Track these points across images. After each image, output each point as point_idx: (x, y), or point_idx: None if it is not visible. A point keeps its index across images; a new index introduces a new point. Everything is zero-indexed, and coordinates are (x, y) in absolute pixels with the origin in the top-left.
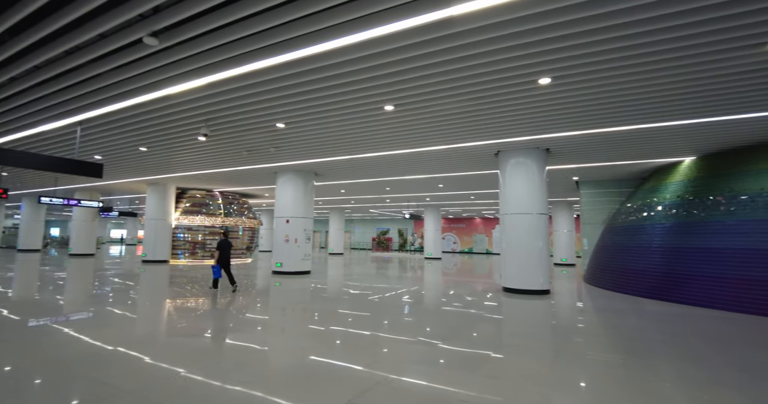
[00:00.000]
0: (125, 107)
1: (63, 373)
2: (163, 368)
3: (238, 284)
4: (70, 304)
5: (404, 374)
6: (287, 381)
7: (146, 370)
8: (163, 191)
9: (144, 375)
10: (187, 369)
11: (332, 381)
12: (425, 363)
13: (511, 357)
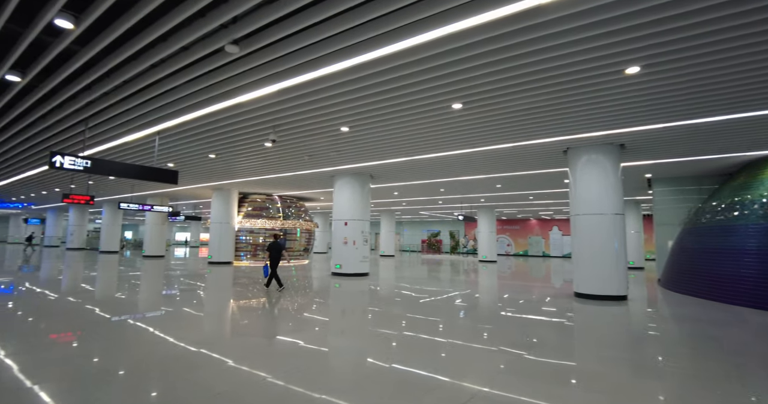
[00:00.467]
0: (199, 116)
1: (161, 374)
2: (252, 373)
3: (285, 285)
4: (153, 303)
5: (499, 387)
6: (379, 390)
7: (233, 374)
8: (227, 196)
9: (232, 378)
10: (272, 374)
11: (424, 392)
12: (517, 375)
13: (612, 371)
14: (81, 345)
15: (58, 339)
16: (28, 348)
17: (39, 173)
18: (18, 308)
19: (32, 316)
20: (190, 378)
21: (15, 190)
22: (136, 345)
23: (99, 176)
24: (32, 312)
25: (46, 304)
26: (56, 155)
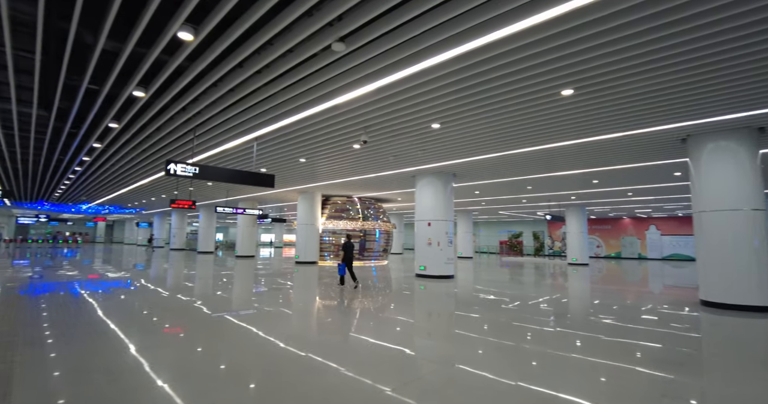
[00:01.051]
0: (295, 121)
1: (277, 379)
2: (369, 385)
3: (360, 283)
4: (253, 300)
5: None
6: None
7: (350, 385)
8: (311, 199)
9: (349, 391)
10: (391, 386)
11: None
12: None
13: None
14: (192, 341)
15: (169, 332)
16: (145, 340)
17: (150, 182)
18: (136, 302)
19: (148, 310)
20: (287, 376)
21: (130, 197)
22: (249, 349)
23: (199, 183)
24: (148, 306)
25: (161, 300)
26: (170, 163)
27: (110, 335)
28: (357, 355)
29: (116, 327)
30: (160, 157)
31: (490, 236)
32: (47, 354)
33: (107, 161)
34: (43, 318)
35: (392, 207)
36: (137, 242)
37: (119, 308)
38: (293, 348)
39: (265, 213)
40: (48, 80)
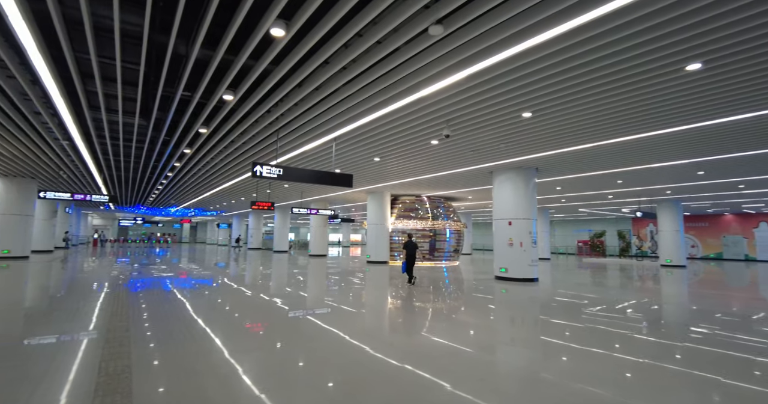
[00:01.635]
0: (374, 119)
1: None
2: (448, 391)
3: (417, 279)
4: (333, 299)
5: None
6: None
7: (426, 386)
8: (381, 199)
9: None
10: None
11: None
12: None
13: None
14: (274, 338)
15: (252, 329)
16: (232, 338)
17: (232, 185)
18: (228, 301)
19: (231, 307)
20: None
21: (212, 200)
22: (338, 356)
23: (276, 185)
24: (240, 307)
25: (251, 301)
26: (257, 165)
27: (205, 335)
28: (439, 360)
29: (210, 326)
30: (244, 160)
31: (566, 235)
32: (156, 353)
33: (195, 165)
34: (150, 314)
35: (461, 206)
36: (218, 242)
37: (213, 305)
38: (398, 363)
39: (335, 214)
40: (147, 91)
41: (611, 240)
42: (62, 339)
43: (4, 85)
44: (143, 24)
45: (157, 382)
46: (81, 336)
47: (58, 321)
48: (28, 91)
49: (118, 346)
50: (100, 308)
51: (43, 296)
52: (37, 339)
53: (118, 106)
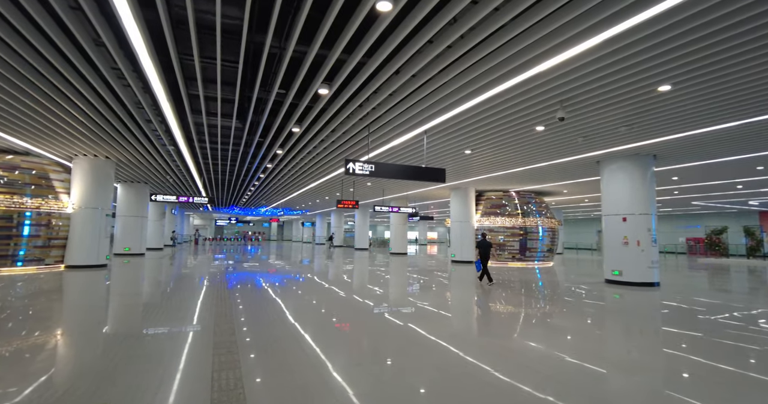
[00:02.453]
0: (472, 106)
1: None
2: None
3: (495, 281)
4: (438, 306)
5: None
6: None
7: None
8: (464, 195)
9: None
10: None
11: None
12: None
13: None
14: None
15: (341, 328)
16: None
17: (318, 185)
18: (320, 299)
19: (334, 311)
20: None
21: (299, 200)
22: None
23: (360, 182)
24: (334, 306)
25: (344, 300)
26: (349, 162)
27: (313, 342)
28: (552, 375)
29: (317, 331)
30: (334, 158)
31: (671, 232)
32: (265, 362)
33: (285, 166)
34: (254, 315)
35: (551, 201)
36: (302, 239)
37: (315, 306)
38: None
39: (415, 212)
40: (244, 93)
41: (733, 237)
42: (172, 346)
43: (121, 94)
44: (243, 17)
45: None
46: (190, 339)
47: (168, 319)
48: (140, 99)
49: (226, 353)
50: (206, 305)
51: (155, 292)
52: (148, 346)
53: (217, 108)
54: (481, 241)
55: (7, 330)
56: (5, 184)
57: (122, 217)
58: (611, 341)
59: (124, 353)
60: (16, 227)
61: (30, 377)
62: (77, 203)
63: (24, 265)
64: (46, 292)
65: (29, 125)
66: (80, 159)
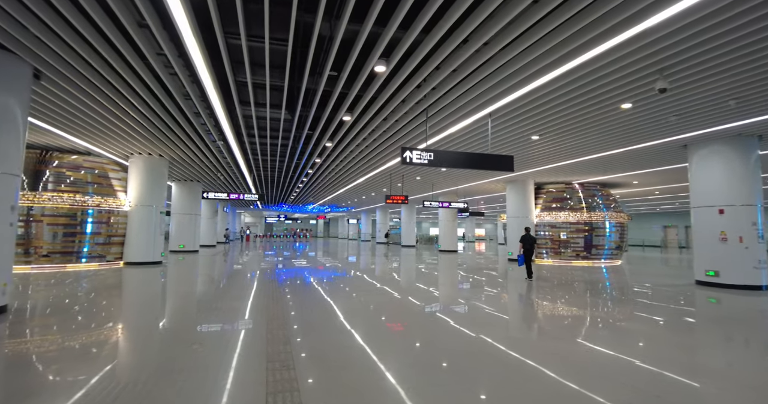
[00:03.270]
0: (544, 84)
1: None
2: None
3: (535, 276)
4: (509, 313)
5: None
6: None
7: None
8: (522, 188)
9: None
10: None
11: None
12: None
13: None
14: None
15: (392, 328)
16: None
17: (365, 180)
18: (379, 302)
19: (397, 316)
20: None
21: (345, 197)
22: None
23: (409, 176)
24: (395, 311)
25: (404, 303)
26: (406, 151)
27: (375, 356)
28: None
29: (378, 340)
30: (385, 149)
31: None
32: (326, 383)
33: (335, 160)
34: (308, 319)
35: (616, 194)
36: (348, 236)
37: (375, 310)
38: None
39: (466, 207)
40: (293, 79)
41: None
42: (222, 357)
43: (169, 84)
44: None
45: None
46: (240, 348)
47: (219, 319)
48: (188, 90)
49: (282, 368)
50: (258, 307)
51: (207, 292)
52: (198, 358)
53: (265, 98)
54: (525, 236)
55: (76, 323)
56: (70, 183)
57: (177, 215)
58: (726, 357)
59: (163, 368)
60: (79, 224)
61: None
62: (133, 201)
63: (87, 261)
64: (109, 288)
65: (90, 126)
66: (136, 158)
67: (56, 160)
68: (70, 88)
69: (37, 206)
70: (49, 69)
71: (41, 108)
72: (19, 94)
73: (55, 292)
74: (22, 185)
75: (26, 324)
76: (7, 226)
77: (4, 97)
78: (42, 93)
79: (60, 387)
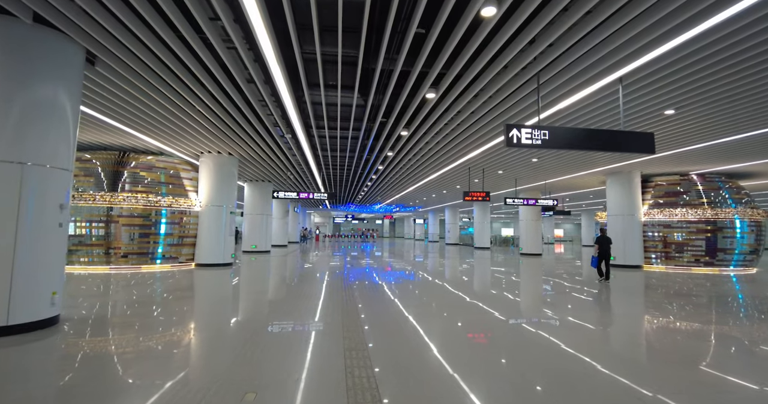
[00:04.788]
0: (699, 35)
1: None
2: None
3: (612, 277)
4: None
5: None
6: None
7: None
8: (627, 181)
9: None
10: None
11: None
12: None
13: None
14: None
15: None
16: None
17: (438, 176)
18: (455, 314)
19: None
20: None
21: (414, 195)
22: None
23: (490, 170)
24: (474, 325)
25: (486, 319)
26: (512, 129)
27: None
28: None
29: (474, 366)
30: (475, 133)
31: None
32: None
33: (408, 153)
34: (387, 327)
35: (746, 186)
36: (414, 236)
37: (464, 327)
38: None
39: (551, 205)
40: (369, 51)
41: None
42: (297, 373)
43: (230, 66)
44: None
45: None
46: (317, 356)
47: (292, 320)
48: (250, 71)
49: (364, 392)
50: (334, 310)
51: (278, 298)
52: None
53: (336, 77)
54: (601, 237)
55: (154, 324)
56: (144, 183)
57: (249, 215)
58: None
59: (230, 383)
60: (153, 225)
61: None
62: (204, 201)
63: (161, 263)
64: (183, 289)
65: (162, 125)
66: (206, 157)
67: (132, 161)
68: (128, 75)
69: (116, 207)
70: (103, 52)
71: (112, 106)
72: (70, 81)
73: (137, 294)
74: (101, 186)
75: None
76: (56, 227)
77: (53, 83)
78: (106, 86)
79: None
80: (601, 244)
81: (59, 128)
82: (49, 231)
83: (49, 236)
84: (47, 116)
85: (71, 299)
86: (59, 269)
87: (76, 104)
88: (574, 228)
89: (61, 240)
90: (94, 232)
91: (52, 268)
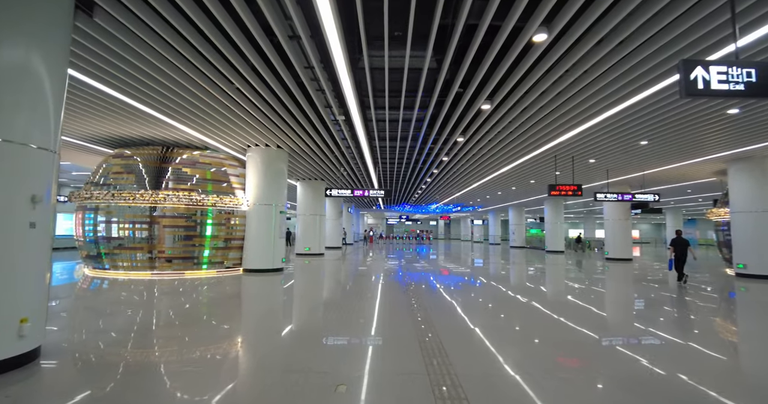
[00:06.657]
0: None
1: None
2: None
3: (687, 276)
4: None
5: None
6: None
7: None
8: (760, 169)
9: None
10: None
11: None
12: None
13: None
14: None
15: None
16: None
17: (513, 167)
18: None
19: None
20: None
21: (476, 193)
22: None
23: (580, 160)
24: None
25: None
26: (696, 67)
27: None
28: None
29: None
30: (570, 109)
31: None
32: None
33: (484, 137)
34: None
35: None
36: (471, 238)
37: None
38: None
39: (645, 201)
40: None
41: None
42: None
43: (286, 47)
44: None
45: None
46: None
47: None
48: (294, 20)
49: None
50: (404, 328)
51: (334, 297)
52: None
53: (407, 38)
54: (677, 239)
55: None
56: (187, 180)
57: (302, 216)
58: None
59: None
60: (198, 226)
61: None
62: (252, 199)
63: (207, 268)
64: (230, 297)
65: (206, 114)
66: (253, 151)
67: (177, 157)
68: (164, 52)
69: (158, 207)
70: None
71: (152, 93)
72: (47, 37)
73: (175, 311)
74: (143, 184)
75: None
76: (26, 227)
77: (23, 39)
78: (142, 68)
79: None
80: (676, 246)
81: (35, 95)
82: (14, 232)
83: (13, 239)
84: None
85: (87, 316)
86: (35, 287)
87: (60, 67)
88: (651, 229)
89: (38, 246)
90: (137, 234)
91: (19, 285)
